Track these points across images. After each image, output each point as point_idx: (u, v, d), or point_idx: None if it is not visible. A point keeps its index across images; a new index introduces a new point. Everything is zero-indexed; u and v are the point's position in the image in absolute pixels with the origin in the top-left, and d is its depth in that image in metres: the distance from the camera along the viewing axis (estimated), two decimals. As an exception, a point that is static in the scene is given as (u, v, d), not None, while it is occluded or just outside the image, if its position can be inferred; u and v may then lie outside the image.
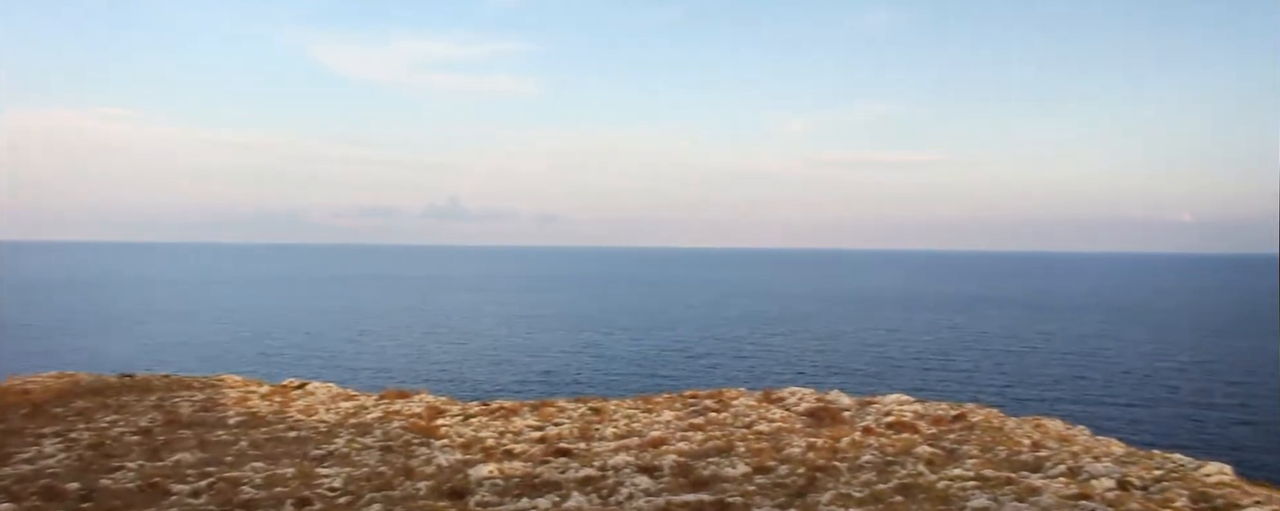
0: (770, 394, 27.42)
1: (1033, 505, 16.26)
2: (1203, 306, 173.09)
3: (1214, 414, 62.61)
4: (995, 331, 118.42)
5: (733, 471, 17.93)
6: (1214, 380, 77.02)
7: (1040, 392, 71.30)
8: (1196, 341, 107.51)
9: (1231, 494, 18.36)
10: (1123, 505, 16.29)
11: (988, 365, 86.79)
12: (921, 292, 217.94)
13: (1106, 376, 79.43)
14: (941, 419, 25.12)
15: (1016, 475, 20.03)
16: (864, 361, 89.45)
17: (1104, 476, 19.89)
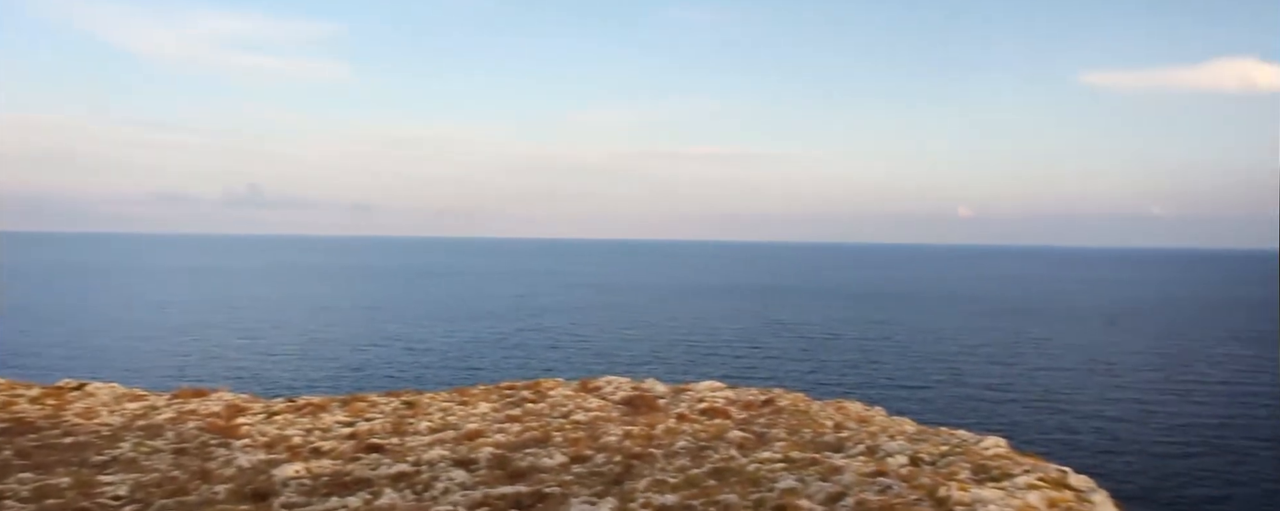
0: (587, 383, 27.53)
1: (835, 483, 17.15)
2: (980, 294, 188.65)
3: (991, 392, 68.39)
4: (803, 319, 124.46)
5: (550, 461, 17.88)
6: (991, 362, 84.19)
7: (842, 376, 75.52)
8: (977, 326, 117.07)
9: (1006, 465, 20.06)
10: (914, 479, 17.46)
11: (795, 351, 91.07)
12: (734, 283, 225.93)
13: (900, 360, 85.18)
14: (752, 404, 26.06)
15: (821, 455, 21.07)
16: (679, 349, 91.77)
17: (898, 453, 21.24)
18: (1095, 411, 61.08)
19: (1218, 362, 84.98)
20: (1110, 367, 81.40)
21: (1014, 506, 14.78)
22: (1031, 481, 17.85)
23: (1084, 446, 50.94)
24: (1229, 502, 40.87)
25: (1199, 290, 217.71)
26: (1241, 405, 63.61)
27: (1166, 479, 44.63)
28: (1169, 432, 54.61)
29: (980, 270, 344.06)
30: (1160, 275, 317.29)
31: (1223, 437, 53.28)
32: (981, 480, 18.43)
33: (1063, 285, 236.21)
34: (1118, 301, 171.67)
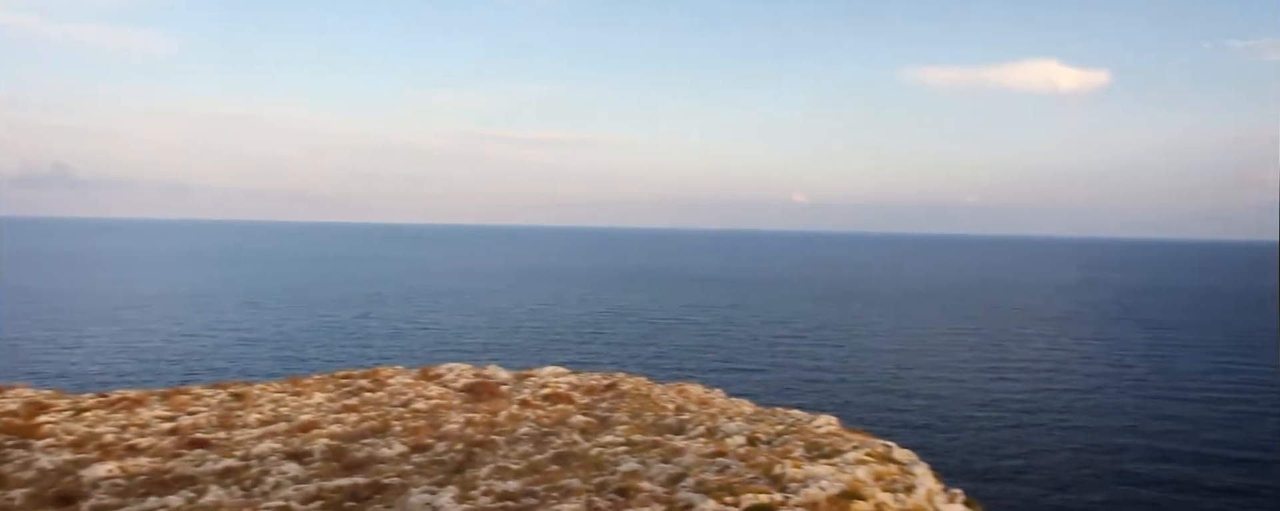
0: (428, 371, 26.98)
1: (676, 465, 17.51)
2: (814, 279, 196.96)
3: (824, 373, 71.53)
4: (645, 304, 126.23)
5: (389, 451, 17.42)
6: (825, 343, 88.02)
7: (683, 360, 77.10)
8: (812, 309, 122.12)
9: (837, 442, 21.03)
10: (751, 459, 18.05)
11: (637, 336, 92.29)
12: (577, 269, 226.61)
13: (740, 343, 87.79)
14: (594, 388, 26.23)
15: (663, 438, 21.45)
16: (522, 336, 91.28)
17: (736, 434, 21.91)
18: (917, 388, 64.91)
19: (1024, 340, 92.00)
20: (931, 347, 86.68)
21: (843, 481, 15.52)
22: (860, 457, 18.80)
23: (907, 421, 54.05)
24: (1037, 471, 44.32)
25: (1008, 274, 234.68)
26: (1045, 380, 69.09)
27: (981, 450, 47.97)
28: (983, 407, 58.69)
29: (815, 255, 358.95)
30: (975, 260, 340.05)
31: (1030, 411, 57.75)
32: (814, 457, 19.26)
33: (889, 269, 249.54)
34: (938, 284, 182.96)
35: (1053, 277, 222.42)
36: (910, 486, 16.36)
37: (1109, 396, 62.48)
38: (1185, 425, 53.53)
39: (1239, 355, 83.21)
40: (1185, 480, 42.71)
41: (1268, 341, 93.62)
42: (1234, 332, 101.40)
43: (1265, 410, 58.29)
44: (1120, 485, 41.67)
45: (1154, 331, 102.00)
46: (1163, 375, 71.57)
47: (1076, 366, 75.89)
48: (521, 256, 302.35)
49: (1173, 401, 60.96)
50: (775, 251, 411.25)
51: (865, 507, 13.66)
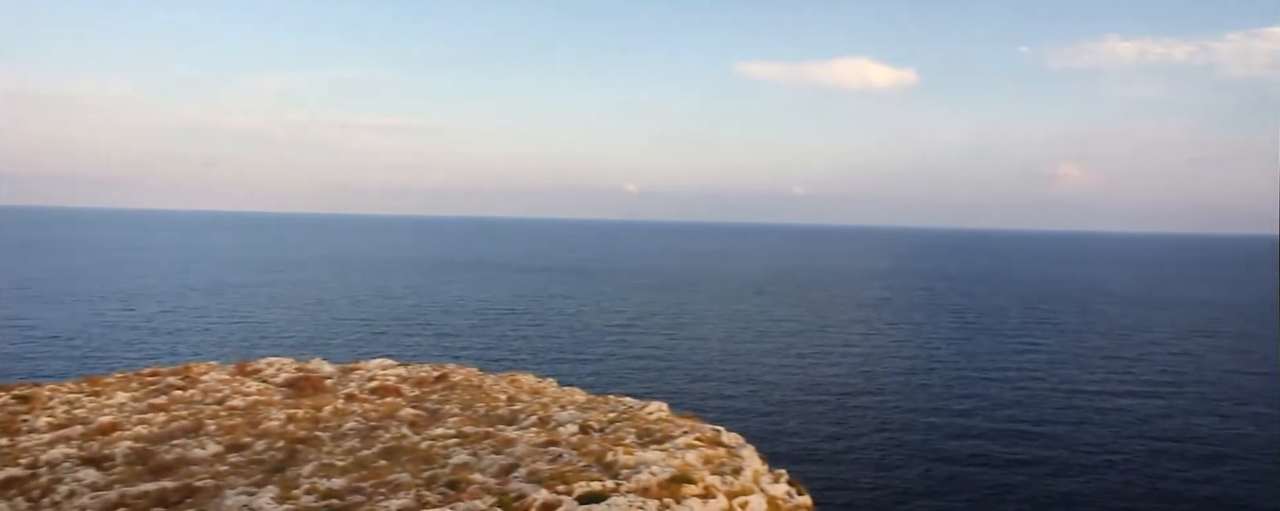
0: (245, 366, 25.60)
1: (509, 455, 17.36)
2: (647, 268, 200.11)
3: (656, 359, 72.81)
4: (477, 294, 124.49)
5: (202, 452, 16.39)
6: (656, 331, 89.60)
7: (516, 350, 76.62)
8: (644, 298, 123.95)
9: (667, 427, 21.46)
10: (584, 447, 18.14)
11: (468, 326, 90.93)
12: (409, 258, 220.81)
13: (573, 332, 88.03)
14: (424, 380, 25.63)
15: (495, 429, 21.22)
16: (348, 327, 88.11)
17: (569, 422, 21.97)
18: (746, 373, 67.15)
19: (844, 326, 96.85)
20: (758, 333, 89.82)
21: (674, 466, 15.84)
22: (690, 441, 19.26)
23: (736, 406, 55.84)
24: (857, 451, 46.78)
25: (831, 262, 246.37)
26: (863, 363, 72.98)
27: (805, 432, 50.17)
28: (807, 391, 61.39)
29: (647, 245, 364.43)
30: (801, 249, 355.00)
31: (849, 393, 60.84)
32: (646, 443, 19.58)
33: (719, 259, 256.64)
34: (765, 273, 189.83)
35: (870, 265, 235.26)
36: (738, 469, 16.89)
37: (920, 377, 66.70)
38: (984, 403, 57.87)
39: (1031, 337, 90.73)
40: (986, 454, 46.18)
41: (1054, 322, 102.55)
42: (1028, 316, 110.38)
43: (1053, 386, 63.86)
44: (931, 461, 44.58)
45: (957, 315, 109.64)
46: (966, 356, 77.05)
47: (890, 349, 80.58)
48: (349, 246, 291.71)
49: (975, 381, 65.75)
50: (607, 241, 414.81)
51: (694, 491, 13.99)
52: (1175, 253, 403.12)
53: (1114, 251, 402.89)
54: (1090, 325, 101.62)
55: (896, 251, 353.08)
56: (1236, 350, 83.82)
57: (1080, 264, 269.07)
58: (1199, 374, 70.07)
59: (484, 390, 25.06)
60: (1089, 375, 68.49)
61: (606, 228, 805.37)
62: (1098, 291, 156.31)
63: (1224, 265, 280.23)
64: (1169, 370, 71.71)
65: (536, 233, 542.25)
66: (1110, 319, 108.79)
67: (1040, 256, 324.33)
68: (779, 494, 17.09)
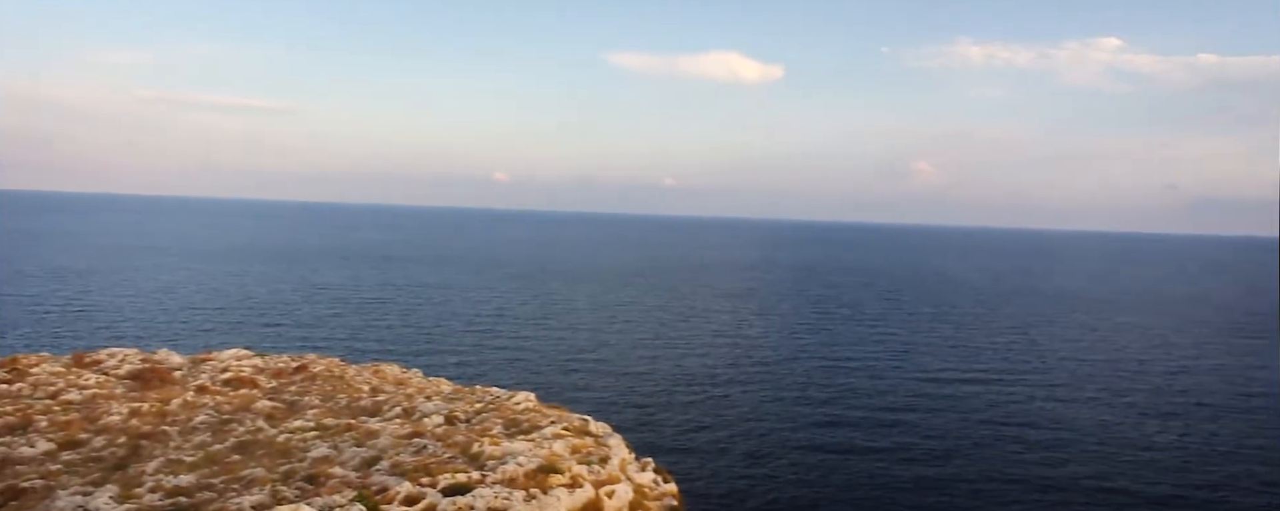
0: (82, 357, 24.03)
1: (371, 448, 16.90)
2: (515, 257, 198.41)
3: (524, 349, 72.33)
4: (339, 282, 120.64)
5: (31, 450, 15.26)
6: (524, 320, 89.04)
7: (380, 340, 74.68)
8: (513, 287, 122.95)
9: (535, 417, 21.39)
10: (449, 438, 17.86)
11: (330, 316, 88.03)
12: (264, 244, 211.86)
13: (439, 321, 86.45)
14: (282, 372, 24.68)
15: (357, 420, 20.63)
16: (200, 317, 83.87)
17: (434, 413, 21.59)
18: (615, 363, 67.57)
19: (712, 316, 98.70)
20: (628, 323, 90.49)
21: (540, 456, 15.81)
22: (557, 431, 19.25)
23: (604, 396, 56.10)
24: (724, 439, 47.75)
25: (700, 254, 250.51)
26: (730, 354, 74.57)
27: (672, 420, 50.88)
28: (675, 380, 62.26)
29: (517, 234, 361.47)
30: (670, 240, 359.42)
31: (717, 383, 62.04)
32: (513, 434, 19.43)
33: (590, 249, 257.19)
34: (636, 263, 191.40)
35: (738, 257, 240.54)
36: (605, 458, 16.99)
37: (785, 367, 68.61)
38: (846, 392, 60.06)
39: (888, 326, 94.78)
40: (849, 442, 47.95)
41: (910, 312, 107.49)
42: (886, 306, 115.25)
43: (909, 375, 66.88)
44: (796, 449, 45.94)
45: (820, 306, 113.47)
46: (829, 346, 79.82)
47: (758, 339, 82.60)
48: (203, 230, 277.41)
49: (838, 370, 68.19)
50: (475, 229, 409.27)
51: (561, 481, 13.99)
52: (1012, 246, 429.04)
53: (961, 244, 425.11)
54: (942, 315, 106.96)
55: (763, 243, 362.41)
56: (1070, 339, 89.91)
57: (932, 256, 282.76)
58: (1039, 361, 74.80)
59: (346, 381, 24.36)
60: (941, 363, 72.08)
61: (475, 216, 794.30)
62: (948, 282, 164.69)
63: (1055, 258, 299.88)
64: (1012, 358, 76.26)
65: (403, 220, 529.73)
66: (960, 309, 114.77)
67: (897, 248, 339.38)
68: (646, 482, 17.30)
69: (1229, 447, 48.68)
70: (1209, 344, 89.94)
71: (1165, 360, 78.14)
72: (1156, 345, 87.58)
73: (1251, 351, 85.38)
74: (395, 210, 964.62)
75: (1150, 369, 73.10)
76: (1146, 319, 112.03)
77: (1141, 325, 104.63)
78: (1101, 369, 72.17)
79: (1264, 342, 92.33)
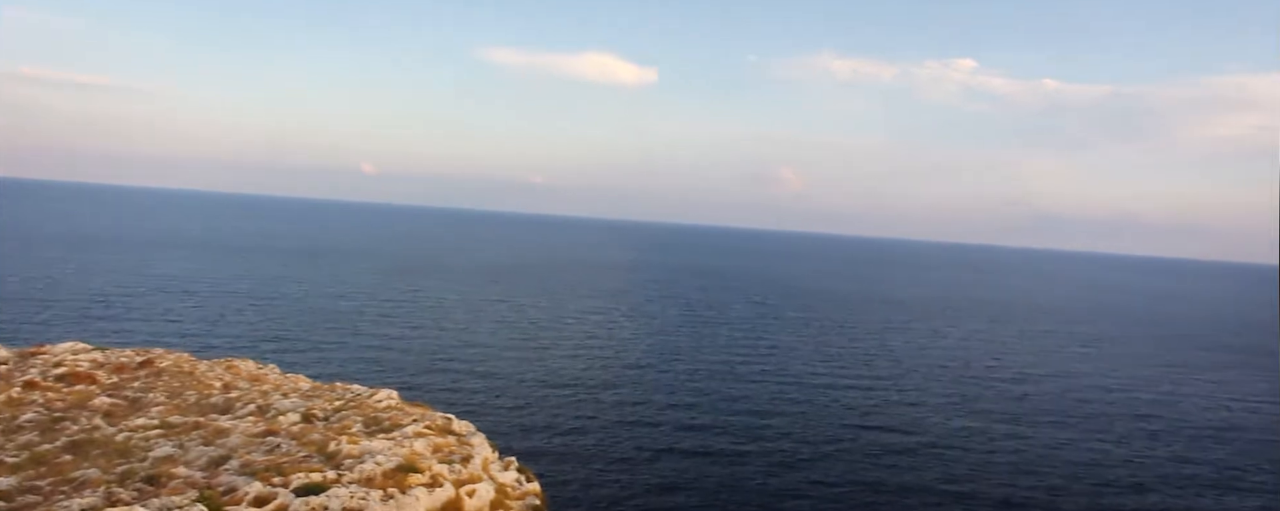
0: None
1: (220, 447, 16.15)
2: (382, 251, 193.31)
3: (389, 346, 70.54)
4: (191, 274, 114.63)
5: None
6: (389, 317, 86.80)
7: (235, 334, 71.42)
8: (377, 283, 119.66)
9: (397, 415, 20.92)
10: (305, 436, 17.25)
11: (181, 308, 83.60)
12: (109, 231, 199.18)
13: (299, 316, 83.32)
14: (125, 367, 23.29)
15: (206, 418, 19.67)
16: (30, 308, 78.15)
17: (291, 411, 20.81)
18: (482, 361, 66.74)
19: (581, 316, 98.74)
20: (496, 321, 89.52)
21: (400, 455, 15.46)
22: (419, 430, 18.88)
23: (470, 394, 55.36)
24: (590, 438, 47.83)
25: (569, 253, 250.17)
26: (599, 353, 74.79)
27: (538, 419, 50.63)
28: (543, 379, 62.00)
29: (384, 228, 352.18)
30: (539, 239, 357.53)
31: (585, 382, 62.10)
32: (373, 432, 18.95)
33: (458, 245, 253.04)
34: (506, 261, 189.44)
35: (608, 257, 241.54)
36: (467, 456, 16.77)
37: (654, 369, 69.37)
38: (713, 395, 61.18)
39: (754, 330, 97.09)
40: (714, 443, 48.86)
41: (775, 316, 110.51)
42: (752, 310, 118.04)
43: (774, 378, 68.70)
44: (662, 450, 46.49)
45: (689, 308, 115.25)
46: (696, 349, 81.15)
47: (627, 341, 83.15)
48: (41, 215, 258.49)
49: (705, 373, 69.39)
50: (340, 222, 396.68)
51: (421, 480, 13.72)
52: (871, 254, 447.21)
53: (823, 251, 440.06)
54: (806, 320, 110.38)
55: (634, 245, 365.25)
56: (923, 344, 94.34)
57: (796, 262, 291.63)
58: (896, 366, 78.15)
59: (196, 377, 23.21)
60: (804, 367, 74.38)
61: (340, 208, 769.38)
62: (811, 288, 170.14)
63: (913, 268, 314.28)
64: (870, 363, 79.39)
65: (263, 210, 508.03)
66: (822, 314, 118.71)
67: (762, 254, 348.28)
68: (508, 481, 17.16)
69: (1069, 451, 52.14)
70: (1051, 352, 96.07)
71: (1009, 367, 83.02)
72: (1002, 352, 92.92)
73: (1088, 358, 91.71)
74: (257, 200, 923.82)
75: (996, 375, 77.54)
76: (991, 327, 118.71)
77: (987, 332, 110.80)
78: (953, 373, 76.05)
79: (1097, 350, 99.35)
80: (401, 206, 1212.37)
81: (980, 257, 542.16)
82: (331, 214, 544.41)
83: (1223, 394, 74.60)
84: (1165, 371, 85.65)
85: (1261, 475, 48.84)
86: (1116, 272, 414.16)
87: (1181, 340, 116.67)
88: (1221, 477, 47.81)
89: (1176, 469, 49.05)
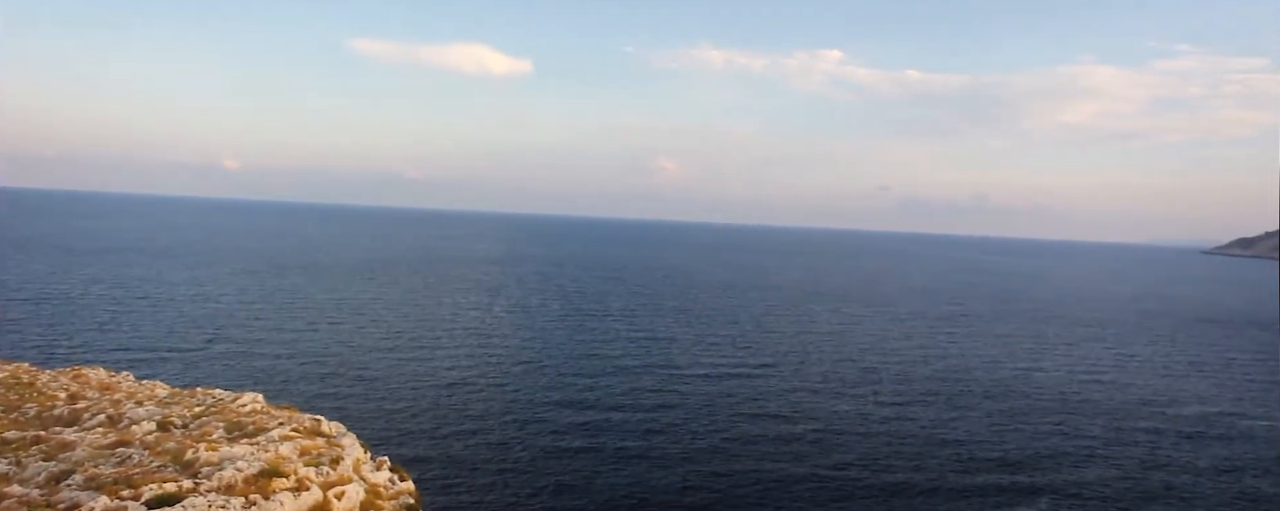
0: None
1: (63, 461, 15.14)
2: (248, 250, 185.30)
3: (255, 349, 67.74)
4: (34, 276, 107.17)
5: None
6: (256, 319, 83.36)
7: (83, 341, 67.23)
8: (244, 283, 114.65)
9: (262, 419, 20.09)
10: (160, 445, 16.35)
11: (21, 314, 78.12)
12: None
13: (157, 320, 79.08)
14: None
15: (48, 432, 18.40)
16: None
17: (145, 420, 19.70)
18: (355, 360, 64.87)
19: (458, 311, 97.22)
20: (371, 319, 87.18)
21: (264, 460, 14.83)
22: (285, 433, 18.17)
23: (342, 394, 53.77)
24: (470, 434, 47.16)
25: (446, 248, 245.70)
26: (478, 348, 73.82)
27: (416, 417, 49.62)
28: (420, 376, 60.79)
29: (249, 225, 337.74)
30: (417, 233, 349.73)
31: (464, 378, 61.20)
32: (236, 437, 18.13)
33: (330, 242, 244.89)
34: (380, 257, 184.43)
35: (486, 251, 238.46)
36: (337, 458, 16.23)
37: (535, 364, 68.89)
38: (596, 387, 61.29)
39: (635, 321, 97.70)
40: (599, 442, 48.91)
41: (657, 306, 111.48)
42: (633, 301, 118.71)
43: (659, 370, 69.33)
44: (543, 447, 46.27)
45: (569, 301, 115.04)
46: (576, 342, 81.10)
47: (506, 336, 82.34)
48: None
49: (586, 365, 69.41)
50: (202, 220, 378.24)
51: (285, 485, 13.19)
52: (749, 242, 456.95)
53: (704, 240, 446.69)
54: (687, 309, 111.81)
55: (512, 238, 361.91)
56: (801, 330, 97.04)
57: (677, 251, 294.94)
58: (774, 352, 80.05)
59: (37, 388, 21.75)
60: (689, 358, 75.36)
61: (202, 206, 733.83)
62: (692, 277, 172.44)
63: (788, 255, 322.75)
64: (753, 350, 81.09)
65: (117, 209, 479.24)
66: (703, 303, 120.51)
67: (643, 244, 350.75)
68: (381, 481, 16.72)
69: (943, 430, 54.57)
70: (921, 334, 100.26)
71: (882, 349, 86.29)
72: (876, 335, 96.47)
73: (957, 339, 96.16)
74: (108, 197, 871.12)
75: (868, 357, 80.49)
76: (866, 311, 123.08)
77: (863, 315, 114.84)
78: (829, 357, 78.48)
79: (964, 330, 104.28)
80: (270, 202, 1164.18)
81: (851, 242, 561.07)
82: (192, 211, 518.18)
83: (1077, 367, 79.58)
84: (1026, 347, 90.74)
85: (1113, 448, 52.36)
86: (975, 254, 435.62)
87: (1038, 316, 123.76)
88: (1077, 450, 51.03)
89: (1032, 443, 52.09)
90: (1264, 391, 71.87)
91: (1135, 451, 50.45)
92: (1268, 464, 49.07)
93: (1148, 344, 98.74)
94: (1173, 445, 52.35)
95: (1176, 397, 67.13)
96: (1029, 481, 43.60)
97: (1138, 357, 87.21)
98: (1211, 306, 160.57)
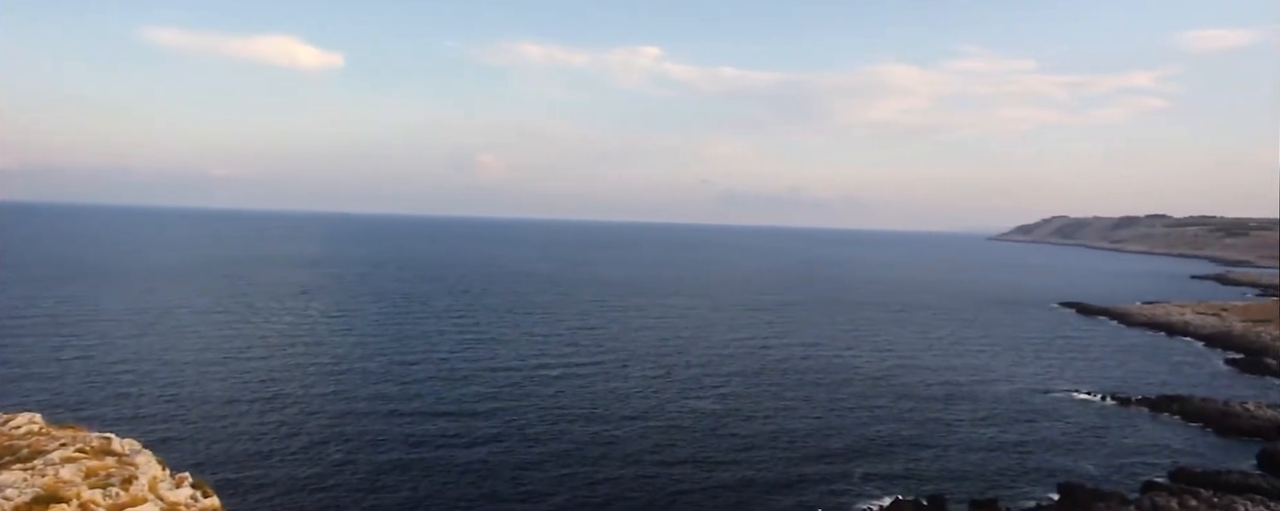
0: None
1: None
2: (30, 257, 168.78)
3: (35, 366, 61.83)
4: None
5: None
6: (36, 332, 76.07)
7: None
8: (21, 293, 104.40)
9: (40, 441, 18.24)
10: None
11: None
12: None
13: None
14: None
15: None
16: None
17: (-104, 449, 17.48)
18: (156, 373, 60.43)
19: (271, 316, 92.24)
20: (174, 328, 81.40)
21: (39, 485, 13.44)
22: (68, 454, 16.56)
23: (142, 410, 50.01)
24: (282, 445, 44.81)
25: (257, 249, 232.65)
26: (292, 355, 70.35)
27: (224, 431, 46.74)
28: (228, 387, 57.34)
29: (30, 229, 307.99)
30: (225, 234, 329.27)
31: (277, 388, 58.13)
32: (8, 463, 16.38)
33: (127, 245, 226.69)
34: (184, 261, 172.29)
35: (301, 252, 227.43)
36: (129, 478, 14.95)
37: (355, 370, 66.20)
38: (422, 397, 59.48)
39: (458, 320, 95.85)
40: (425, 452, 47.58)
41: (482, 304, 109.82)
42: (456, 300, 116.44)
43: (487, 370, 68.23)
44: (365, 458, 44.57)
45: (389, 301, 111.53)
46: (397, 343, 78.89)
47: (324, 341, 78.85)
48: None
49: (407, 367, 67.57)
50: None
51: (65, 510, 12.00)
52: (573, 238, 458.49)
53: (527, 237, 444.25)
54: (515, 307, 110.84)
55: (329, 237, 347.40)
56: (631, 324, 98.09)
57: (500, 248, 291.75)
58: (598, 348, 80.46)
59: None
60: (516, 356, 74.78)
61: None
62: (516, 274, 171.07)
63: (610, 248, 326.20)
64: (581, 347, 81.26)
65: None
66: (530, 300, 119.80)
67: (466, 241, 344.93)
68: (181, 499, 15.52)
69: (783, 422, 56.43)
70: (744, 325, 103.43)
71: (708, 341, 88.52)
72: (699, 327, 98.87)
73: (777, 328, 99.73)
74: None
75: (693, 349, 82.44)
76: (693, 300, 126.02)
77: (688, 308, 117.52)
78: (654, 352, 79.86)
79: (783, 318, 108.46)
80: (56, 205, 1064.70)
81: (675, 236, 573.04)
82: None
83: (887, 350, 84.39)
84: (843, 332, 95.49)
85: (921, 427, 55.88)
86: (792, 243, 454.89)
87: (851, 301, 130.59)
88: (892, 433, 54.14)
89: (858, 429, 54.92)
90: (1057, 368, 78.90)
91: (941, 428, 54.17)
92: (1060, 432, 53.82)
93: (952, 327, 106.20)
94: (972, 422, 56.56)
95: (980, 375, 72.58)
96: (847, 468, 45.93)
97: (944, 339, 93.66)
98: (1004, 288, 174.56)
